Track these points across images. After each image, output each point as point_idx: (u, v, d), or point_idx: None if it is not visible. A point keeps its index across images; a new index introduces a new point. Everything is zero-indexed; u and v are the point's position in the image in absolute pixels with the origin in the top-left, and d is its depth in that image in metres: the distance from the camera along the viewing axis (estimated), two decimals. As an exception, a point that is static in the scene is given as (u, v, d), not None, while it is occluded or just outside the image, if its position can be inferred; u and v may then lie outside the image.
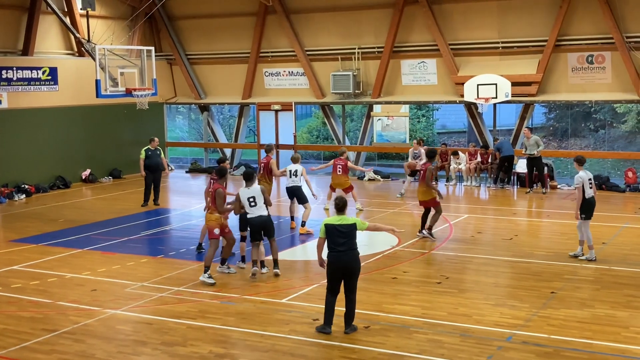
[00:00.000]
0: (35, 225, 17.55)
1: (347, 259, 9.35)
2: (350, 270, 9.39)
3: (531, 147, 20.80)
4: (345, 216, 9.54)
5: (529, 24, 22.02)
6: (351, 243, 9.40)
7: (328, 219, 9.56)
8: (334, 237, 9.37)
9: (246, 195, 12.10)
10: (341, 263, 9.34)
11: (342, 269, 9.37)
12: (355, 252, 9.46)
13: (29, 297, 11.53)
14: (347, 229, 9.38)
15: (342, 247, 9.33)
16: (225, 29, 26.33)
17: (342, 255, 9.33)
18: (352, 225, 9.44)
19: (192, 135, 36.59)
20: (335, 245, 9.37)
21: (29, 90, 22.82)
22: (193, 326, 10.01)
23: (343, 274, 9.39)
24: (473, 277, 12.44)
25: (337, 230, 9.36)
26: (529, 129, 21.47)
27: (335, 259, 9.36)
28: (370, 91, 24.52)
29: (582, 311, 10.30)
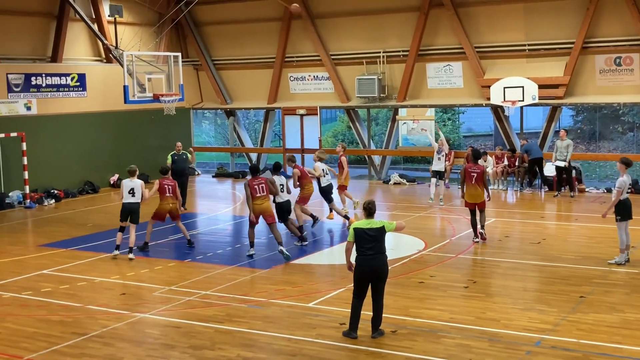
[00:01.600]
0: (64, 229, 17.76)
1: (376, 263, 9.32)
2: (379, 274, 9.37)
3: (562, 151, 20.64)
4: (374, 220, 9.52)
5: (556, 26, 21.86)
6: (380, 247, 9.39)
7: (357, 223, 9.55)
8: (363, 241, 9.35)
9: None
10: (369, 267, 9.31)
11: (370, 273, 9.34)
12: (384, 256, 9.44)
13: (59, 301, 11.66)
14: (376, 233, 9.37)
15: (371, 251, 9.30)
16: (250, 34, 26.47)
17: (371, 259, 9.30)
18: (381, 229, 9.42)
19: (218, 140, 36.78)
20: (364, 249, 9.34)
21: (57, 97, 23.13)
22: (220, 330, 10.06)
23: (371, 277, 9.36)
24: (501, 281, 12.36)
25: (366, 234, 9.35)
26: (565, 131, 21.37)
27: (363, 262, 9.33)
28: (395, 95, 24.49)
29: (611, 315, 10.18)
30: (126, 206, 14.56)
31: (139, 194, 14.60)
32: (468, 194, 14.91)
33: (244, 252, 15.03)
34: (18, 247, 15.97)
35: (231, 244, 15.78)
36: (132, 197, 14.57)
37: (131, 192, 14.58)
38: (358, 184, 25.01)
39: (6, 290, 12.37)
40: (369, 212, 9.57)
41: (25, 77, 22.20)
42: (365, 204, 9.61)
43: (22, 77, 22.15)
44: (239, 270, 13.36)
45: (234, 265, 13.73)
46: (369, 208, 9.58)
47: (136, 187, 14.64)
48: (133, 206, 14.54)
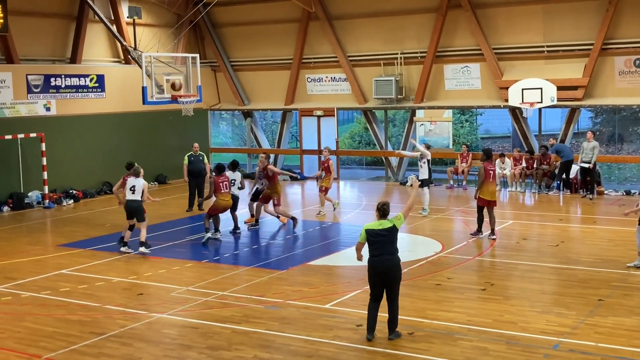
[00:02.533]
0: (82, 230, 17.88)
1: (388, 265, 9.25)
2: (391, 276, 9.28)
3: (588, 152, 20.60)
4: (385, 220, 9.40)
5: (575, 27, 21.72)
6: (391, 248, 9.31)
7: (369, 224, 9.48)
8: (374, 242, 9.29)
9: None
10: (381, 268, 9.25)
11: (382, 274, 9.26)
12: (396, 258, 9.35)
13: (77, 301, 11.74)
14: (387, 233, 9.28)
15: (382, 252, 9.25)
16: (268, 35, 26.53)
17: (382, 260, 9.24)
18: (392, 228, 9.32)
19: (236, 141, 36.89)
20: (375, 250, 9.28)
21: (76, 98, 23.29)
22: (237, 330, 10.08)
23: (383, 279, 9.28)
24: (518, 283, 12.30)
25: (378, 235, 9.28)
26: (592, 133, 21.34)
27: (375, 263, 9.27)
28: (412, 96, 24.44)
29: (630, 319, 10.10)
30: (128, 204, 14.92)
31: (140, 192, 14.85)
32: (488, 191, 15.23)
33: (262, 253, 15.12)
34: (37, 247, 16.10)
35: (248, 245, 15.82)
36: (132, 195, 14.85)
37: (132, 190, 14.90)
38: (375, 185, 25.00)
39: (25, 289, 12.47)
40: (382, 213, 9.44)
41: (44, 78, 22.39)
42: (380, 205, 9.48)
43: (42, 78, 22.33)
44: (256, 271, 13.39)
45: (251, 266, 13.77)
46: (383, 209, 9.44)
47: (138, 185, 14.92)
48: (133, 204, 14.83)
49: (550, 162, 21.96)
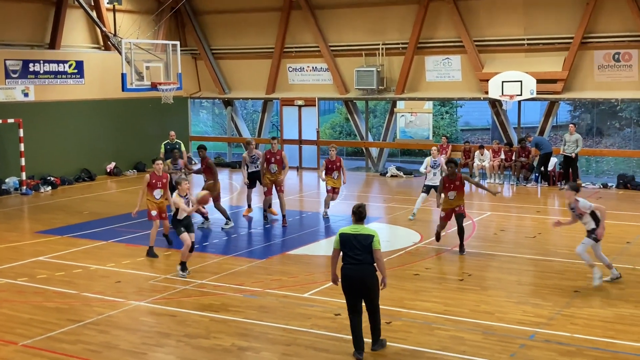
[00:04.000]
0: (60, 217, 17.76)
1: (362, 275, 8.44)
2: (366, 287, 8.48)
3: (570, 145, 20.77)
4: (363, 226, 8.62)
5: (555, 21, 21.85)
6: (367, 257, 8.44)
7: (344, 229, 8.69)
8: (349, 249, 8.48)
9: None
10: (354, 277, 8.44)
11: (356, 284, 8.47)
12: (372, 267, 8.49)
13: (55, 288, 11.68)
14: (364, 241, 8.44)
15: (357, 261, 8.43)
16: (249, 24, 26.41)
17: (357, 269, 8.43)
18: (370, 237, 8.45)
19: (216, 129, 36.74)
20: (350, 257, 8.48)
21: (55, 84, 23.08)
22: (216, 319, 10.08)
23: (358, 289, 8.49)
24: (496, 274, 12.40)
25: (353, 241, 8.47)
26: (574, 125, 21.47)
27: (349, 272, 8.47)
28: (393, 87, 24.48)
29: (605, 310, 10.23)
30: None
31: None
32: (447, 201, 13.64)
33: (240, 242, 15.10)
34: (14, 233, 15.97)
35: (227, 234, 15.79)
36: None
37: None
38: (355, 175, 25.02)
39: (2, 276, 12.38)
40: (358, 217, 8.63)
41: (23, 64, 22.15)
42: (355, 208, 8.67)
43: (20, 63, 22.09)
44: (235, 259, 13.39)
45: (231, 254, 13.76)
46: (358, 212, 8.62)
47: None
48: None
49: (528, 155, 22.12)
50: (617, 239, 14.64)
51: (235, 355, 8.85)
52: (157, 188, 13.84)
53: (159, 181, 13.89)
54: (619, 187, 21.22)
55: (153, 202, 13.84)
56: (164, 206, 13.99)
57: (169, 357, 8.88)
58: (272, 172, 16.59)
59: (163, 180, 13.97)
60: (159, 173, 13.92)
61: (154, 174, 13.90)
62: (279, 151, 16.95)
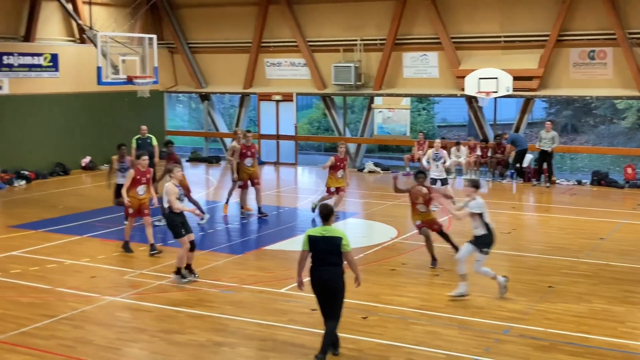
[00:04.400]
0: (35, 211, 17.57)
1: (329, 276, 8.23)
2: (332, 289, 8.26)
3: (546, 141, 20.91)
4: (330, 227, 8.37)
5: (532, 18, 22.01)
6: (335, 259, 8.24)
7: (312, 230, 8.47)
8: (317, 251, 8.27)
9: None
10: (324, 281, 8.26)
11: (323, 287, 8.28)
12: (340, 269, 8.28)
13: (29, 283, 11.56)
14: (332, 242, 8.22)
15: (326, 262, 8.24)
16: (227, 18, 26.30)
17: (325, 271, 8.24)
18: (338, 239, 8.23)
19: (193, 124, 36.58)
20: (318, 259, 8.29)
21: (30, 77, 22.81)
22: (191, 314, 10.05)
23: (323, 290, 8.30)
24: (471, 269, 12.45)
25: (321, 242, 8.25)
26: (551, 123, 21.61)
27: (317, 275, 8.30)
28: (371, 83, 24.51)
29: (579, 305, 10.34)
30: None
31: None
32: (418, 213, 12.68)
33: (217, 237, 15.05)
34: (-13, 228, 15.79)
35: (204, 229, 15.73)
36: None
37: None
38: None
39: (-25, 271, 12.24)
40: (324, 218, 8.40)
41: (-3, 56, 21.89)
42: (322, 209, 8.46)
43: (-6, 55, 21.83)
44: (211, 255, 13.34)
45: (207, 250, 13.70)
46: (324, 214, 8.39)
47: None
48: None
49: (504, 151, 22.28)
50: (591, 235, 14.81)
51: (210, 351, 8.82)
52: (141, 184, 13.50)
53: (143, 177, 13.55)
54: (593, 183, 21.44)
55: (136, 199, 13.46)
56: (146, 202, 13.67)
57: (144, 352, 8.83)
58: (248, 166, 16.50)
59: (147, 176, 13.63)
60: (143, 168, 13.57)
61: (138, 170, 13.56)
62: (253, 144, 16.90)
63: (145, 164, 13.58)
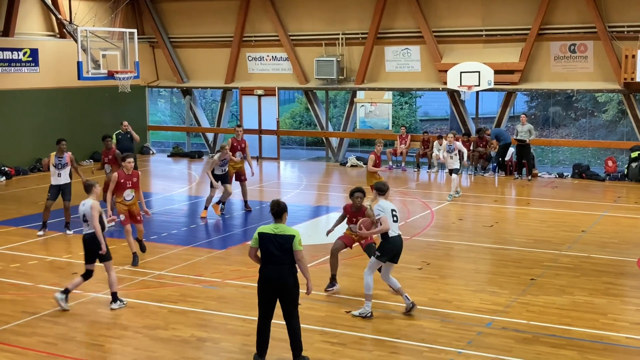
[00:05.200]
0: (15, 207, 17.42)
1: (280, 275, 7.94)
2: (284, 289, 8.00)
3: (523, 134, 21.02)
4: (283, 225, 8.10)
5: (513, 12, 22.08)
6: (287, 257, 7.97)
7: (263, 227, 8.16)
8: (267, 248, 8.00)
9: None
10: (273, 280, 7.98)
11: (274, 287, 8.01)
12: (292, 268, 8.01)
13: (10, 280, 11.47)
14: (285, 241, 7.96)
15: (276, 261, 7.97)
16: (208, 12, 26.17)
17: (275, 270, 7.96)
18: (291, 238, 7.97)
19: (174, 119, 36.38)
20: (268, 258, 8.01)
21: (9, 72, 22.59)
22: (175, 310, 10.01)
23: (274, 292, 8.03)
24: (454, 263, 12.53)
25: (271, 241, 8.00)
26: (525, 116, 21.73)
27: (266, 274, 8.02)
28: (353, 77, 24.50)
29: (561, 298, 10.41)
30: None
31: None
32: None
33: (200, 232, 15.00)
34: (-33, 224, 15.63)
35: (186, 224, 15.68)
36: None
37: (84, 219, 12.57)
38: (315, 165, 25.06)
39: (-46, 268, 12.11)
40: (274, 215, 8.11)
41: (-25, 51, 21.66)
42: (272, 204, 8.16)
43: (-28, 50, 21.59)
44: (194, 250, 13.30)
45: (189, 245, 13.66)
46: (275, 210, 8.09)
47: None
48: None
49: (486, 145, 22.37)
50: (572, 227, 14.92)
51: (194, 346, 8.80)
52: (127, 188, 12.43)
53: (128, 180, 12.45)
54: (574, 176, 21.59)
55: (123, 205, 12.47)
56: (136, 208, 12.65)
57: (127, 348, 8.79)
58: (237, 160, 16.40)
59: (133, 179, 12.49)
60: (128, 171, 12.47)
61: (122, 173, 12.45)
62: (243, 139, 16.78)
63: (130, 167, 12.56)
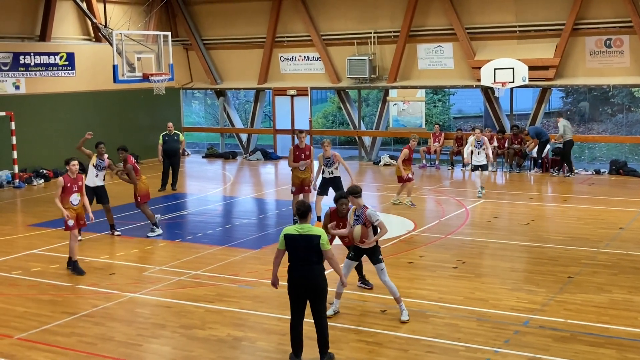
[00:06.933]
0: (53, 209, 17.52)
1: (310, 275, 7.98)
2: (314, 289, 8.03)
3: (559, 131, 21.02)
4: (308, 225, 8.09)
5: (547, 7, 21.84)
6: (314, 257, 7.99)
7: (288, 228, 8.17)
8: (295, 250, 8.02)
9: None
10: (303, 279, 8.00)
11: (303, 287, 8.02)
12: (321, 267, 8.06)
13: (49, 281, 11.66)
14: (311, 241, 7.96)
15: (305, 261, 7.98)
16: (240, 13, 26.32)
17: (305, 270, 7.99)
18: (317, 238, 7.96)
19: (208, 120, 36.67)
20: (296, 258, 8.03)
21: (46, 76, 22.96)
22: (211, 309, 10.09)
23: (304, 292, 8.05)
24: (489, 261, 12.44)
25: (298, 241, 8.01)
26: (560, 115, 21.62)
27: (296, 274, 8.05)
28: (386, 76, 24.45)
29: (599, 296, 10.28)
30: None
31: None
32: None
33: (235, 232, 15.10)
34: (7, 226, 15.92)
35: (221, 224, 15.79)
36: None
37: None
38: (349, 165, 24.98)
39: (-4, 269, 12.36)
40: (299, 215, 8.11)
41: (13, 56, 22.03)
42: (297, 204, 8.22)
43: (11, 55, 21.97)
44: (229, 250, 13.39)
45: (225, 245, 13.75)
46: (300, 211, 8.09)
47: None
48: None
49: (521, 142, 22.16)
50: (610, 224, 14.71)
51: (230, 346, 8.86)
52: (73, 192, 12.12)
53: (74, 184, 12.18)
54: (612, 173, 21.30)
55: (71, 209, 12.13)
56: (82, 212, 12.38)
57: (165, 348, 8.88)
58: (302, 170, 14.95)
59: (79, 183, 12.25)
60: (73, 175, 12.17)
61: (68, 177, 12.15)
62: (307, 146, 14.97)
63: (75, 170, 12.21)
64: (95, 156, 14.89)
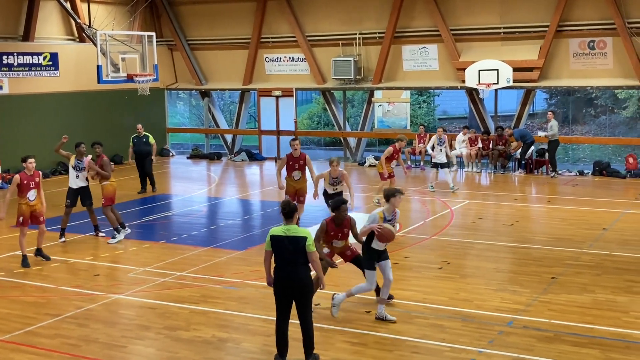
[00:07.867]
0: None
1: (296, 276, 8.00)
2: (300, 289, 8.05)
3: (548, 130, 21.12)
4: (294, 225, 8.12)
5: (531, 9, 21.97)
6: (300, 258, 8.01)
7: (275, 229, 8.15)
8: (282, 251, 8.02)
9: None
10: (289, 280, 8.01)
11: (290, 287, 8.04)
12: (307, 268, 8.09)
13: (32, 282, 11.58)
14: (297, 243, 7.98)
15: (291, 262, 7.99)
16: (225, 14, 26.27)
17: (291, 271, 8.00)
18: (303, 239, 7.98)
19: (193, 121, 36.57)
20: (283, 259, 8.03)
21: (29, 76, 22.81)
22: (196, 311, 10.06)
23: (291, 293, 8.07)
24: (474, 262, 12.48)
25: (284, 242, 8.01)
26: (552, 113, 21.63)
27: (282, 275, 8.04)
28: (371, 77, 24.49)
29: (582, 296, 10.34)
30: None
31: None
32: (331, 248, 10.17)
33: (220, 233, 15.06)
34: (-10, 228, 15.80)
35: (206, 225, 15.75)
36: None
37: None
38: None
39: (-22, 271, 12.25)
40: (285, 215, 8.12)
41: (-4, 56, 21.88)
42: (283, 205, 8.19)
43: (-7, 55, 21.82)
44: (214, 251, 13.36)
45: (210, 246, 13.72)
46: (285, 211, 8.09)
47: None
48: None
49: (505, 143, 22.26)
50: (594, 225, 14.81)
51: (215, 347, 8.84)
52: (30, 189, 12.48)
53: (31, 181, 12.51)
54: (595, 174, 21.44)
55: (27, 205, 12.53)
56: (39, 208, 12.68)
57: (149, 349, 8.85)
58: (296, 179, 14.45)
59: (36, 180, 12.58)
60: (30, 172, 12.51)
61: (24, 174, 12.49)
62: (302, 154, 14.45)
63: (32, 167, 12.55)
64: (73, 157, 14.67)
